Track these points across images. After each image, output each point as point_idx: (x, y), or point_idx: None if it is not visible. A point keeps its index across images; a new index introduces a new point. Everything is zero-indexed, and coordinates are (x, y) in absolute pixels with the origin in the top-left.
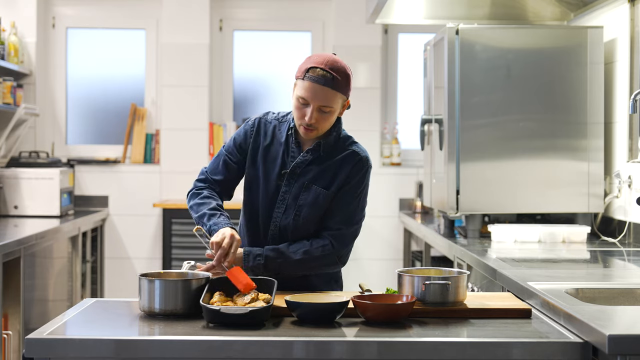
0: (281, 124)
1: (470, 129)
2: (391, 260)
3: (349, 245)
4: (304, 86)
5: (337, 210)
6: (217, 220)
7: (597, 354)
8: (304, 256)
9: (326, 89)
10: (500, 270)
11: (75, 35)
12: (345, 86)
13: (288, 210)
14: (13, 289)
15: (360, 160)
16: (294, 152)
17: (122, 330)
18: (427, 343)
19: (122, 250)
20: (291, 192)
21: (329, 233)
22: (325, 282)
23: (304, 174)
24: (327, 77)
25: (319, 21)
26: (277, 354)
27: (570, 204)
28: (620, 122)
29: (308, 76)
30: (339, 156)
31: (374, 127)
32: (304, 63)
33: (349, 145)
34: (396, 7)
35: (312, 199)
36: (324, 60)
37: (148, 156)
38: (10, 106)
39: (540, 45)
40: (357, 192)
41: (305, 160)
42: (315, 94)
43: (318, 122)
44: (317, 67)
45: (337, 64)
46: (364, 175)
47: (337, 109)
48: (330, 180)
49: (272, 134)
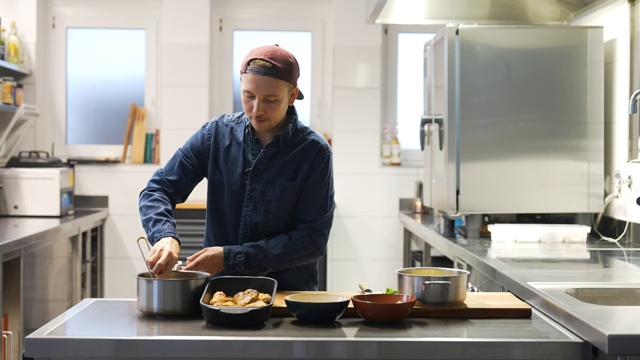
0: (238, 125)
1: (470, 129)
2: (391, 260)
3: (325, 234)
4: (247, 79)
5: (309, 202)
6: (162, 227)
7: (597, 354)
8: (283, 250)
9: (268, 78)
10: (500, 270)
11: (75, 35)
12: (288, 73)
13: (257, 207)
14: (13, 289)
15: (321, 148)
16: (254, 149)
17: (122, 330)
18: (427, 343)
19: (122, 250)
20: (257, 189)
21: (305, 225)
22: (302, 279)
23: (267, 169)
24: (267, 66)
25: (319, 21)
26: (277, 354)
27: (570, 204)
28: (620, 122)
29: (249, 68)
30: (299, 147)
31: (374, 127)
32: (246, 57)
33: (307, 135)
34: (396, 7)
35: (279, 193)
36: (263, 51)
37: (148, 156)
38: (10, 106)
39: (540, 45)
40: (324, 181)
41: (267, 155)
42: (257, 85)
43: (266, 112)
44: (257, 58)
45: (277, 53)
46: (327, 163)
47: (283, 97)
48: (293, 172)
49: (231, 135)
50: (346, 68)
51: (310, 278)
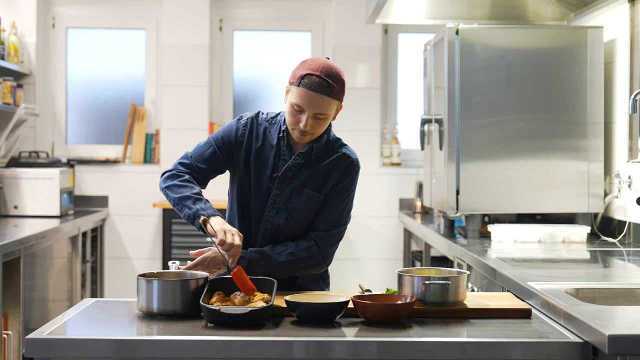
0: (271, 126)
1: (470, 129)
2: (391, 260)
3: (334, 246)
4: (299, 93)
5: (327, 211)
6: (205, 205)
7: (597, 354)
8: (288, 258)
9: (322, 96)
10: (500, 270)
11: (75, 35)
12: (341, 93)
13: (279, 214)
14: (13, 289)
15: (351, 162)
16: (285, 155)
17: (122, 330)
18: (427, 343)
19: (122, 250)
20: (282, 196)
21: (315, 234)
22: (313, 281)
23: (295, 177)
24: (324, 84)
25: (319, 21)
26: (277, 354)
27: (570, 204)
28: (620, 122)
29: (304, 83)
30: (329, 159)
31: (374, 127)
32: (299, 69)
33: (339, 148)
34: (396, 7)
35: (304, 203)
36: (319, 67)
37: (148, 156)
38: (10, 106)
39: (540, 45)
40: (346, 195)
41: (297, 163)
42: (311, 102)
43: (313, 128)
44: (312, 74)
45: (332, 70)
46: (354, 178)
47: (331, 115)
48: (321, 183)
49: (264, 136)
50: (346, 68)
51: (322, 280)
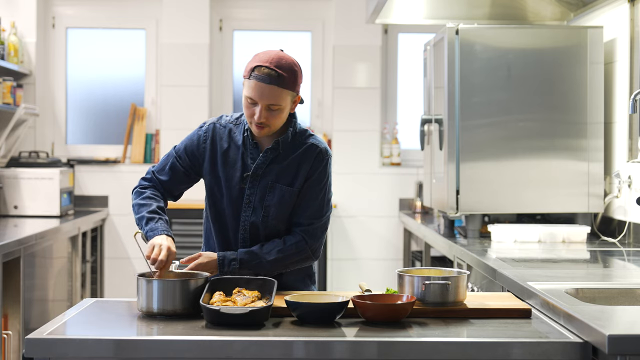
0: (236, 127)
1: (470, 129)
2: (391, 260)
3: (320, 238)
4: (251, 85)
5: (305, 205)
6: (155, 225)
7: (597, 354)
8: (278, 255)
9: (272, 87)
10: (500, 270)
11: (75, 35)
12: (293, 83)
13: (256, 212)
14: (13, 289)
15: (320, 152)
16: (253, 153)
17: (121, 330)
18: (427, 343)
19: (122, 250)
20: (256, 194)
21: (300, 229)
22: (300, 279)
23: (266, 174)
24: (273, 75)
25: (319, 21)
26: (277, 354)
27: (570, 204)
28: (620, 122)
29: (254, 75)
30: (298, 151)
31: (374, 127)
32: (250, 62)
33: (306, 139)
34: (396, 7)
35: (278, 198)
36: (269, 58)
37: (148, 156)
38: (10, 106)
39: (540, 45)
40: (321, 185)
41: (266, 160)
42: (261, 93)
43: (268, 119)
44: (262, 65)
45: (283, 61)
46: (326, 167)
47: (286, 105)
48: (293, 176)
49: (229, 138)
50: (346, 68)
51: (307, 278)
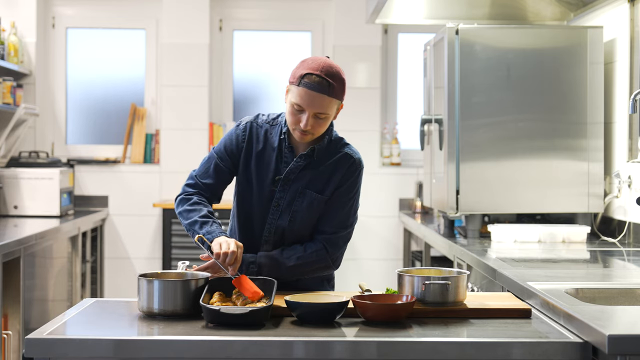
0: (272, 128)
1: (470, 129)
2: (391, 260)
3: (342, 248)
4: (299, 93)
5: (332, 213)
6: (210, 228)
7: (597, 354)
8: (297, 262)
9: (323, 96)
10: (500, 270)
11: (75, 35)
12: (341, 92)
13: (283, 216)
14: (13, 289)
15: (354, 162)
16: (287, 157)
17: (121, 330)
18: (427, 343)
19: (122, 250)
20: (285, 198)
21: (323, 237)
22: (318, 282)
23: (297, 179)
24: (324, 84)
25: (319, 21)
26: (277, 354)
27: (570, 204)
28: (620, 122)
29: (304, 82)
30: (332, 159)
31: (374, 127)
32: (299, 68)
33: (341, 148)
34: (396, 7)
35: (307, 205)
36: (319, 66)
37: (148, 156)
38: (10, 106)
39: (540, 45)
40: (350, 195)
41: (299, 165)
42: (311, 101)
43: (313, 127)
44: (312, 73)
45: (333, 70)
46: (357, 178)
47: (332, 114)
48: (324, 184)
49: (265, 139)
50: (346, 68)
51: (326, 282)
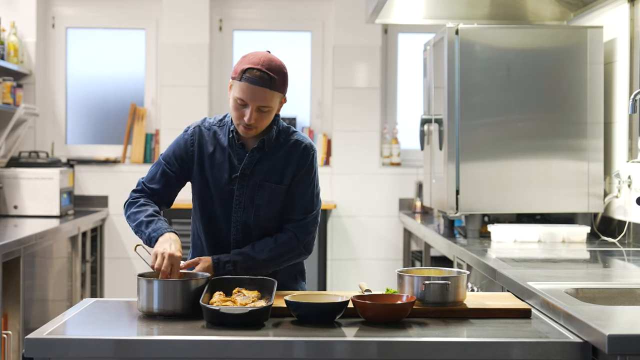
0: (220, 129)
1: (470, 129)
2: (391, 260)
3: (312, 232)
4: (242, 87)
5: (295, 201)
6: (156, 226)
7: (597, 354)
8: (270, 254)
9: (264, 89)
10: (500, 270)
11: (75, 35)
12: (283, 85)
13: (247, 212)
14: (13, 289)
15: (305, 147)
16: (239, 153)
17: (121, 330)
18: (427, 343)
19: (121, 250)
20: (246, 194)
21: (291, 225)
22: (291, 277)
23: (254, 173)
24: (265, 77)
25: (319, 21)
26: (277, 354)
27: (570, 203)
28: (620, 122)
29: (245, 77)
30: (283, 148)
31: (374, 127)
32: (240, 63)
33: (290, 136)
34: (396, 7)
35: (268, 197)
36: (260, 61)
37: (148, 156)
38: (10, 106)
39: (540, 45)
40: (310, 179)
41: (253, 160)
42: (253, 95)
43: (257, 121)
44: (254, 67)
45: (273, 63)
46: (312, 162)
47: (274, 107)
48: (280, 174)
49: (214, 140)
50: (346, 68)
51: (299, 274)
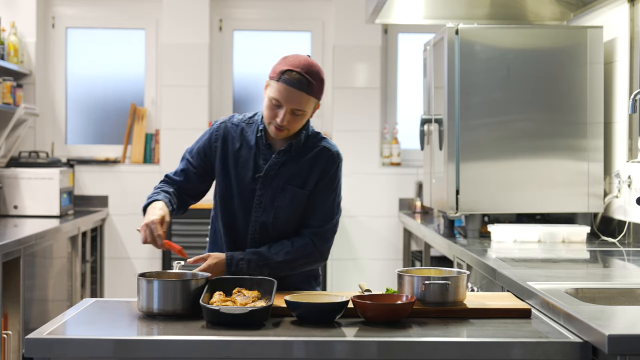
0: (249, 126)
1: (470, 129)
2: (391, 260)
3: (329, 241)
4: (279, 88)
5: (316, 207)
6: (151, 195)
7: (597, 354)
8: (286, 257)
9: (301, 93)
10: (500, 270)
11: (75, 35)
12: (319, 91)
13: (266, 213)
14: (13, 289)
15: (332, 155)
16: (265, 154)
17: (121, 330)
18: (427, 343)
19: (121, 250)
20: (267, 195)
21: (309, 231)
22: (305, 280)
23: (277, 175)
24: (303, 81)
25: (319, 21)
26: (277, 354)
27: (570, 203)
28: (620, 122)
29: (284, 79)
30: (310, 154)
31: (374, 127)
32: (280, 64)
33: (319, 142)
34: (396, 7)
35: (289, 200)
36: (300, 64)
37: (148, 156)
38: (10, 106)
39: (540, 45)
40: (332, 188)
41: (278, 162)
42: (289, 97)
43: (290, 123)
44: (293, 70)
45: (313, 68)
46: (337, 170)
47: (309, 112)
48: (304, 179)
49: (241, 137)
50: (346, 68)
51: (313, 279)
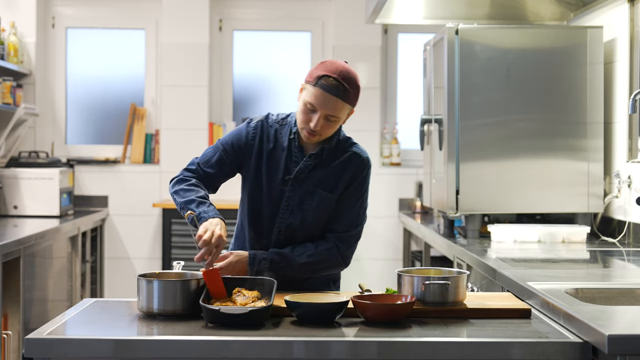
0: (282, 127)
1: (470, 129)
2: (391, 260)
3: (353, 246)
4: (315, 93)
5: (342, 212)
6: (207, 208)
7: (597, 354)
8: (309, 259)
9: (336, 99)
10: (500, 270)
11: (75, 35)
12: (355, 98)
13: (293, 215)
14: (13, 289)
15: (362, 161)
16: (297, 157)
17: (121, 330)
18: (427, 343)
19: (121, 250)
20: (295, 198)
21: (334, 235)
22: (324, 282)
23: (307, 179)
24: (340, 88)
25: (319, 21)
26: (277, 354)
27: (570, 204)
28: (620, 122)
29: (320, 84)
30: (340, 159)
31: (374, 127)
32: (317, 69)
33: (350, 147)
34: (396, 7)
35: (317, 204)
36: (337, 70)
37: (148, 156)
38: (10, 106)
39: (540, 45)
40: (360, 193)
41: (309, 165)
42: (324, 103)
43: (322, 129)
44: (330, 76)
45: (350, 75)
46: (366, 176)
47: (342, 118)
48: (334, 183)
49: (275, 138)
50: None
51: (332, 282)
